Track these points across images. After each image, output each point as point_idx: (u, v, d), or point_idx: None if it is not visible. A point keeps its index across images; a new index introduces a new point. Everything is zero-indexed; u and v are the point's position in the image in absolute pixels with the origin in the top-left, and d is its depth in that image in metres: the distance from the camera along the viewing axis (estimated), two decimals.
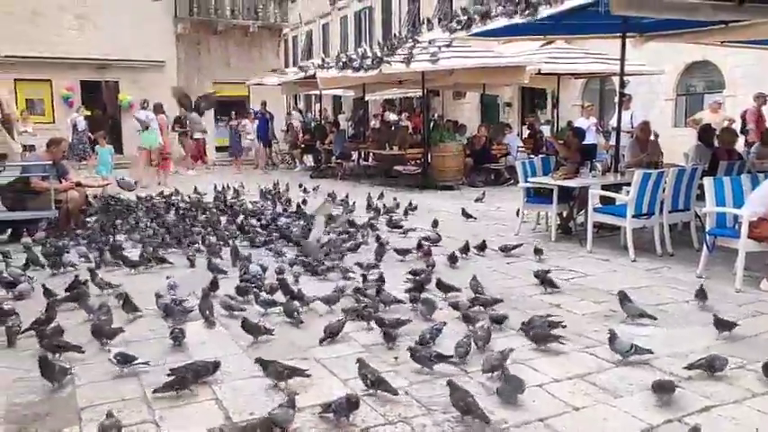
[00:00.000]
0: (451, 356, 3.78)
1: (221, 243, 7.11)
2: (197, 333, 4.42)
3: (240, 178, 14.47)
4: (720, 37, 8.65)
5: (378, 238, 7.30)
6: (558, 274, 6.02)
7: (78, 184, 8.49)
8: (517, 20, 7.08)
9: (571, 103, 19.12)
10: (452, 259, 6.35)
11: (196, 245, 7.06)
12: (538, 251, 6.69)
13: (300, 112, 23.85)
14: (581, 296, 5.31)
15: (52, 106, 19.77)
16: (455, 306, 4.77)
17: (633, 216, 6.65)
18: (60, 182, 8.02)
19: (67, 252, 6.68)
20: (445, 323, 4.34)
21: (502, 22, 7.40)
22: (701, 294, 4.91)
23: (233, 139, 21.71)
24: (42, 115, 19.22)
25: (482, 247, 6.89)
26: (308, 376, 3.54)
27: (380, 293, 5.00)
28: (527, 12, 6.83)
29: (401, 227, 8.27)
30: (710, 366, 3.61)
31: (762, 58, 13.15)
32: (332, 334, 4.21)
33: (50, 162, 7.94)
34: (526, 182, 8.03)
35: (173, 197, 10.90)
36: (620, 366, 3.80)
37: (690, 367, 3.62)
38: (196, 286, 5.28)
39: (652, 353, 3.88)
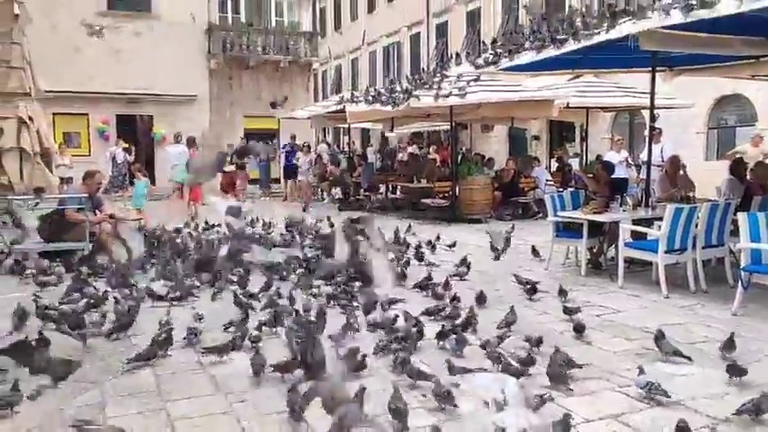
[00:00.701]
0: None
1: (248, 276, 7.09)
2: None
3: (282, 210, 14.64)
4: (751, 71, 8.61)
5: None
6: (588, 309, 5.94)
7: (111, 217, 8.63)
8: (545, 54, 7.13)
9: (600, 136, 19.02)
10: (480, 299, 6.10)
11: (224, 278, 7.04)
12: (563, 292, 6.24)
13: (328, 144, 24.10)
14: (612, 333, 5.22)
15: (88, 139, 20.29)
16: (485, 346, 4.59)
17: (665, 251, 6.55)
18: (95, 214, 8.18)
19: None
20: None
21: (530, 56, 7.46)
22: (730, 345, 4.56)
23: (262, 171, 22.03)
24: (78, 148, 19.72)
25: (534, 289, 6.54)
26: None
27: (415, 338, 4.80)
28: (555, 46, 6.88)
29: (426, 261, 8.22)
30: (758, 409, 3.47)
31: None
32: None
33: (86, 195, 8.11)
34: (555, 216, 7.97)
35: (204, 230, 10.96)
36: (655, 407, 3.72)
37: (738, 413, 3.49)
38: (223, 319, 5.32)
39: (669, 396, 3.74)
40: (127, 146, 18.37)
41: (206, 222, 11.45)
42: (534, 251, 8.88)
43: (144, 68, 20.04)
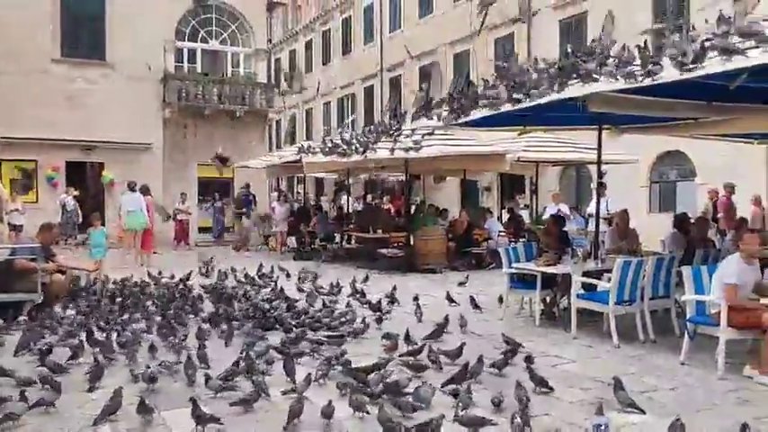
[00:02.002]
0: None
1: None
2: None
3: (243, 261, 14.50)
4: (690, 131, 9.10)
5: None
6: (544, 359, 6.10)
7: (60, 268, 8.43)
8: (499, 111, 7.44)
9: (548, 189, 19.65)
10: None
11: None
12: (529, 359, 5.64)
13: (282, 194, 24.14)
14: (568, 383, 5.36)
15: (37, 186, 19.82)
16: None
17: (615, 303, 6.80)
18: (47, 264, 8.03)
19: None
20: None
21: (483, 113, 7.76)
22: (618, 385, 4.74)
23: (216, 219, 21.89)
24: (27, 194, 19.23)
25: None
26: None
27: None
28: (509, 104, 7.18)
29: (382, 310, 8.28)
30: None
31: (729, 149, 13.74)
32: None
33: (39, 245, 7.97)
34: (510, 267, 8.19)
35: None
36: None
37: None
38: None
39: None
40: (77, 193, 18.04)
41: (159, 273, 11.31)
42: (449, 298, 9.05)
43: (97, 116, 19.84)
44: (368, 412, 4.39)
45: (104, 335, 6.70)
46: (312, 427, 4.33)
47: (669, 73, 5.30)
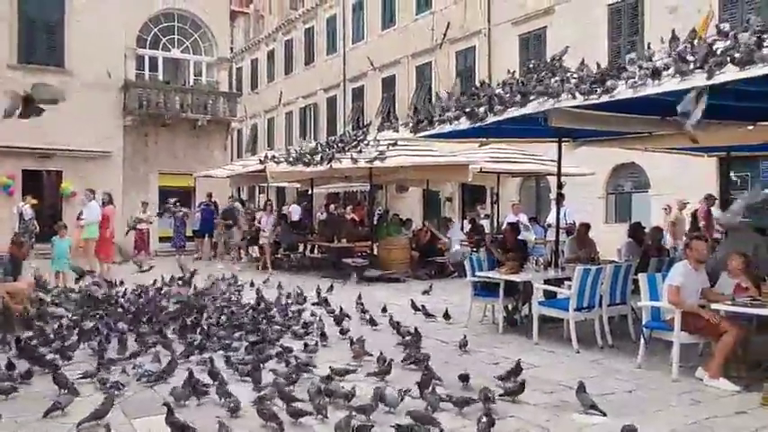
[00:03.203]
0: None
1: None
2: None
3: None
4: (644, 144, 9.50)
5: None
6: (507, 365, 6.27)
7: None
8: (462, 125, 7.66)
9: (509, 199, 20.03)
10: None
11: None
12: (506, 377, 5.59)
13: (243, 203, 24.01)
14: (532, 386, 5.51)
15: None
16: None
17: (575, 309, 7.05)
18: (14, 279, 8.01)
19: None
20: None
21: (447, 125, 7.97)
22: (581, 388, 4.95)
23: (177, 229, 21.62)
24: None
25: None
26: None
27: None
28: (473, 118, 7.40)
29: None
30: None
31: (681, 162, 14.26)
32: None
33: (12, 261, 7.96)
34: (474, 276, 8.38)
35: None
36: None
37: None
38: None
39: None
40: (36, 202, 17.68)
41: (119, 282, 11.22)
42: (414, 306, 9.22)
43: (55, 123, 19.42)
44: None
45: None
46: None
47: (624, 91, 5.56)
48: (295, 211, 22.04)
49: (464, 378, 5.51)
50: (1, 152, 18.90)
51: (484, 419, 4.30)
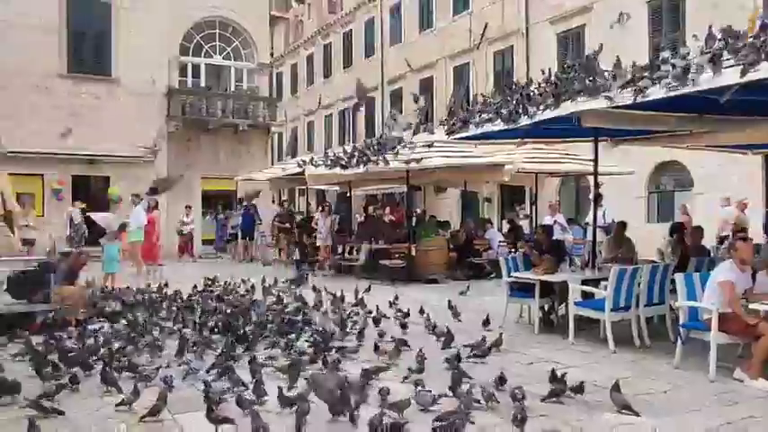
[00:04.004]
0: None
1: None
2: None
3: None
4: (686, 142, 9.35)
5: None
6: (542, 365, 6.31)
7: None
8: (497, 127, 7.70)
9: (548, 199, 19.88)
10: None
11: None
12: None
13: (283, 206, 24.39)
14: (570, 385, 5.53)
15: (42, 200, 20.10)
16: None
17: (611, 310, 7.02)
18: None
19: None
20: None
21: (482, 127, 8.01)
22: (615, 388, 4.94)
23: (218, 232, 22.14)
24: (33, 208, 19.49)
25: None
26: None
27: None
28: (508, 119, 7.43)
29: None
30: None
31: (726, 159, 13.99)
32: None
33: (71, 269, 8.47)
34: (510, 277, 8.40)
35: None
36: None
37: None
38: None
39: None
40: (84, 206, 18.29)
41: (165, 284, 11.57)
42: (451, 307, 9.12)
43: (102, 130, 20.19)
44: None
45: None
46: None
47: (657, 90, 5.53)
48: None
49: (501, 380, 5.45)
50: (52, 159, 19.64)
51: (517, 418, 4.36)
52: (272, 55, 26.36)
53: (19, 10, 19.23)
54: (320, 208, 17.94)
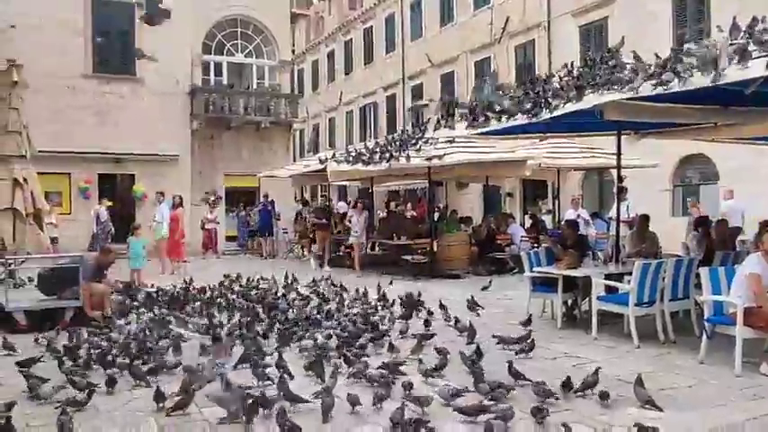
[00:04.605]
0: None
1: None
2: None
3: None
4: (710, 135, 9.23)
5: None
6: (566, 360, 6.32)
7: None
8: (518, 122, 7.66)
9: (571, 193, 19.74)
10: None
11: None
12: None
13: (306, 203, 24.54)
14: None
15: (70, 198, 20.46)
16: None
17: (635, 304, 6.98)
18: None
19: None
20: None
21: (503, 122, 7.99)
22: (638, 383, 4.94)
23: (240, 228, 22.31)
24: (60, 206, 19.85)
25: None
26: None
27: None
28: (530, 113, 7.39)
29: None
30: None
31: (753, 152, 13.77)
32: None
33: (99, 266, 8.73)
34: (532, 271, 8.39)
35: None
36: None
37: None
38: None
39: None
40: (111, 204, 18.59)
41: (191, 279, 11.73)
42: (473, 302, 9.11)
43: (127, 129, 20.48)
44: None
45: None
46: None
47: (678, 83, 5.48)
48: (342, 208, 22.31)
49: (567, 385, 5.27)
50: (79, 158, 19.98)
51: (539, 412, 4.39)
52: (293, 52, 26.51)
53: (44, 12, 19.54)
54: (353, 204, 17.13)
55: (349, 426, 4.55)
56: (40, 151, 11.58)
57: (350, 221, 16.04)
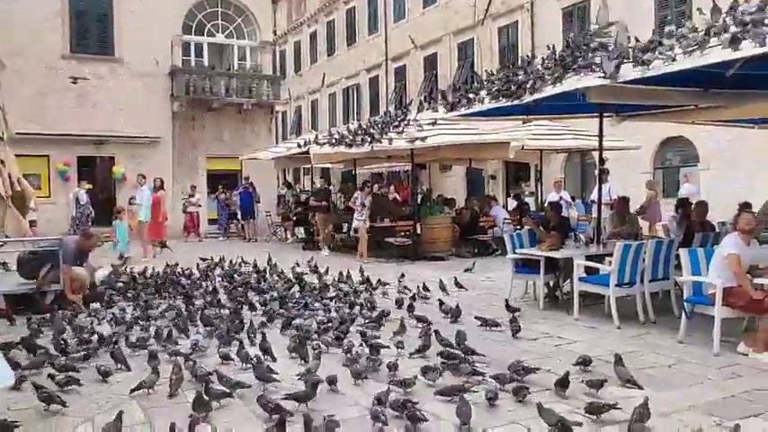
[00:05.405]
0: None
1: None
2: None
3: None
4: (691, 117, 9.30)
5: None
6: (547, 340, 6.38)
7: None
8: (501, 104, 7.65)
9: (554, 175, 19.83)
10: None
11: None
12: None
13: (290, 186, 24.39)
14: (571, 361, 5.57)
15: (49, 181, 20.19)
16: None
17: (616, 285, 7.05)
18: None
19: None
20: None
21: (486, 104, 7.97)
22: (619, 362, 5.00)
23: (220, 211, 22.11)
24: (39, 189, 19.59)
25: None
26: None
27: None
28: (512, 96, 7.38)
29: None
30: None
31: (733, 134, 13.92)
32: None
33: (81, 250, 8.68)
34: (514, 253, 8.43)
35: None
36: (608, 425, 4.11)
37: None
38: None
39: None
40: (90, 187, 18.37)
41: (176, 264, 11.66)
42: (457, 284, 9.48)
43: (107, 111, 20.20)
44: None
45: None
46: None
47: (661, 64, 5.50)
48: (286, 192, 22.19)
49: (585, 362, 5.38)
50: (57, 140, 19.67)
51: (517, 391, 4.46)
52: (274, 33, 26.15)
53: None
54: (361, 186, 15.70)
55: (333, 405, 4.56)
56: (17, 133, 11.31)
57: (355, 204, 14.95)
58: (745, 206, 10.80)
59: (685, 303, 6.25)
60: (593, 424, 4.17)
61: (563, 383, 4.71)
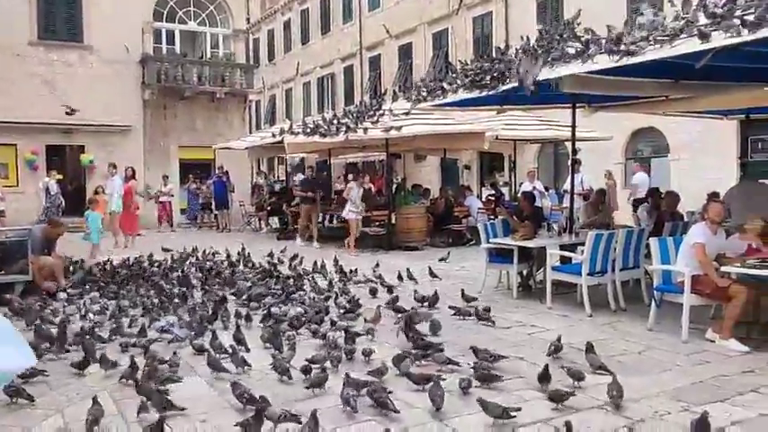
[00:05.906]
0: None
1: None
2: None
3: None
4: (662, 108, 9.43)
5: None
6: (520, 328, 6.45)
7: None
8: (475, 94, 7.67)
9: (527, 166, 19.98)
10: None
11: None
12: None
13: (264, 175, 24.24)
14: (543, 349, 5.64)
15: (17, 170, 19.76)
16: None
17: (588, 274, 7.14)
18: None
19: None
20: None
21: (461, 94, 7.99)
22: (590, 349, 5.10)
23: (190, 201, 21.87)
24: (6, 179, 19.20)
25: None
26: None
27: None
28: (487, 86, 7.41)
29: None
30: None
31: (701, 125, 14.13)
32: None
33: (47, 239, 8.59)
34: (488, 242, 8.49)
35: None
36: (583, 412, 4.17)
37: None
38: None
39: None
40: (60, 177, 18.03)
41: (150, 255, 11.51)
42: (431, 273, 9.57)
43: (76, 99, 19.80)
44: None
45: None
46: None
47: (636, 54, 5.56)
48: (298, 180, 22.00)
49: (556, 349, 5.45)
50: (25, 128, 19.25)
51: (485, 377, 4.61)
52: (248, 20, 25.77)
53: None
54: (354, 176, 15.63)
55: (308, 393, 4.56)
56: None
57: (348, 195, 14.48)
58: (714, 196, 11.02)
59: (655, 292, 6.36)
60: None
61: (545, 378, 4.64)
